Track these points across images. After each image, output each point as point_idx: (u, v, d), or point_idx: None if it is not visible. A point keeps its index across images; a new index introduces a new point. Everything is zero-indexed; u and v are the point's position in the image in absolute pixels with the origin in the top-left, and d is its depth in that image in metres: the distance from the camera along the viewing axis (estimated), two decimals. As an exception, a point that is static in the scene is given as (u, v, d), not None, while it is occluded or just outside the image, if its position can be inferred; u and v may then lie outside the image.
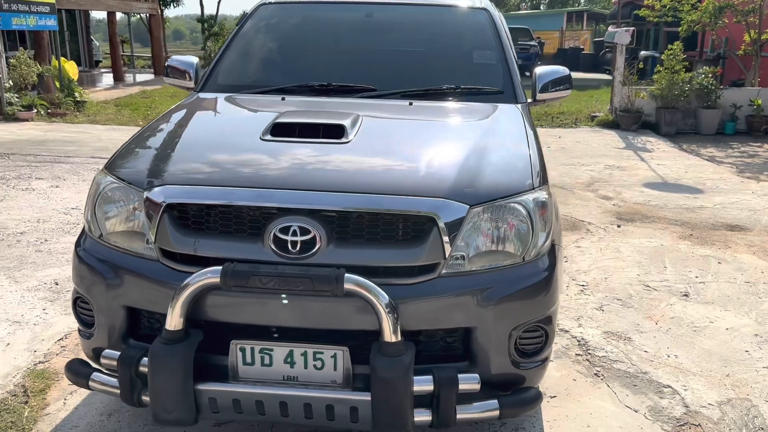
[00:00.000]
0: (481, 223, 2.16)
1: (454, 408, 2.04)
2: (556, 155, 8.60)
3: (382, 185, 2.16)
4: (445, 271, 2.11)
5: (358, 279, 1.97)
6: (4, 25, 10.49)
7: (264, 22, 3.61)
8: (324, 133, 2.46)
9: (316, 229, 2.06)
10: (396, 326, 1.99)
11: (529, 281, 2.19)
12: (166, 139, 2.56)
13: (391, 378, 1.95)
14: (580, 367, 3.12)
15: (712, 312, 3.77)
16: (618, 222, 5.55)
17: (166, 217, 2.15)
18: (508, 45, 3.39)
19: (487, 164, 2.36)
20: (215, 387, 2.06)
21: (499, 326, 2.13)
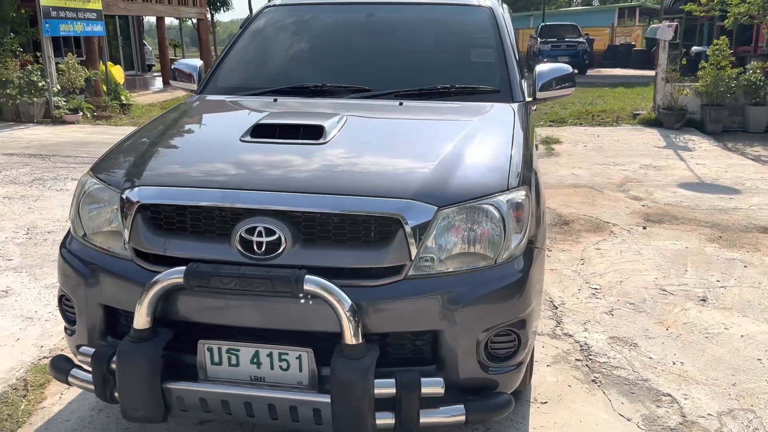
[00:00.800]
0: (450, 224, 2.12)
1: (417, 412, 2.01)
2: (591, 154, 8.41)
3: (349, 186, 2.15)
4: (412, 272, 2.08)
5: (318, 280, 1.97)
6: (52, 32, 10.90)
7: (266, 25, 3.64)
8: (303, 134, 2.47)
9: (282, 230, 2.06)
10: (357, 328, 1.97)
11: (500, 284, 2.13)
12: (150, 141, 2.60)
13: (350, 380, 1.94)
14: (577, 373, 3.03)
15: (729, 318, 3.61)
16: (644, 223, 5.38)
17: (140, 217, 2.19)
18: (509, 43, 3.32)
19: (462, 165, 2.32)
20: (182, 386, 2.09)
21: (467, 330, 2.09)
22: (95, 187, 2.36)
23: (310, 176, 2.22)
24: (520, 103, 3.08)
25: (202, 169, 2.35)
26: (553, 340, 3.36)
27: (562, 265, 4.43)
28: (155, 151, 2.50)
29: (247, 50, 3.52)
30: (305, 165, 2.30)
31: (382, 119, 2.85)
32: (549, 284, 4.09)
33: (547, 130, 10.48)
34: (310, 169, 2.28)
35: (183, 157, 2.49)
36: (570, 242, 4.93)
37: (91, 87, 12.48)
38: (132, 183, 2.26)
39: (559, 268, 4.38)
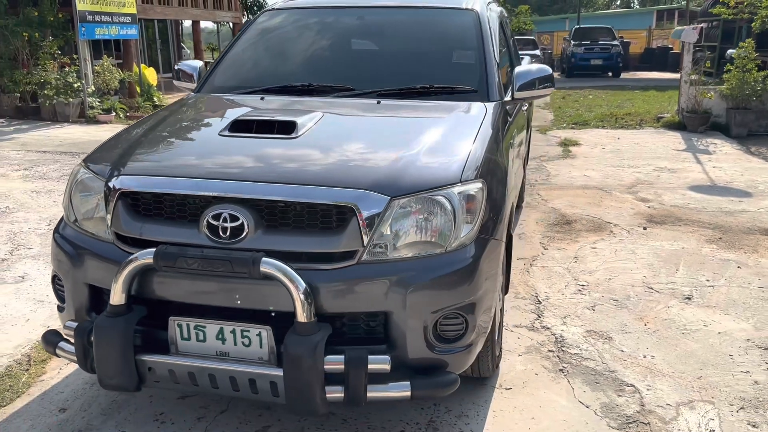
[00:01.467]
0: (403, 213, 2.27)
1: (364, 387, 2.16)
2: (608, 157, 8.42)
3: (309, 177, 2.31)
4: (365, 258, 2.23)
5: (274, 263, 2.13)
6: (87, 35, 11.35)
7: (263, 27, 3.84)
8: (278, 129, 2.64)
9: (245, 216, 2.24)
10: (309, 308, 2.13)
11: (447, 270, 2.27)
12: (139, 135, 2.81)
13: (299, 355, 2.10)
14: (547, 363, 3.14)
15: (711, 316, 3.66)
16: (646, 224, 5.42)
17: (120, 204, 2.39)
18: (490, 45, 3.45)
19: (421, 158, 2.46)
20: (152, 358, 2.28)
21: (415, 312, 2.23)
22: (86, 176, 2.57)
23: (275, 167, 2.40)
24: (497, 102, 3.20)
25: (180, 160, 2.55)
26: (530, 332, 3.47)
27: (555, 263, 4.52)
28: (141, 144, 2.71)
29: (243, 51, 3.72)
30: (273, 157, 2.48)
31: (357, 116, 3.01)
32: (537, 280, 4.19)
33: (568, 133, 10.51)
34: (276, 161, 2.46)
35: (164, 150, 2.69)
36: (568, 241, 5.01)
37: (125, 88, 12.93)
38: (116, 173, 2.47)
39: (551, 265, 4.48)
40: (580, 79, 22.59)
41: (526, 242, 4.99)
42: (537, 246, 4.90)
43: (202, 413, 2.69)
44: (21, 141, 9.67)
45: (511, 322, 3.58)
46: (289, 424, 2.62)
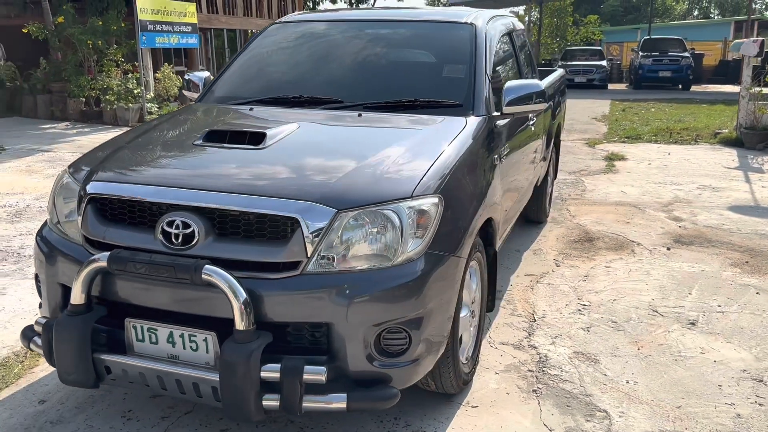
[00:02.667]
0: (350, 226, 2.30)
1: (299, 396, 2.19)
2: (652, 173, 8.15)
3: (261, 187, 2.37)
4: (310, 269, 2.27)
5: (216, 270, 2.20)
6: (148, 44, 11.87)
7: (266, 40, 3.95)
8: (248, 140, 2.72)
9: (196, 224, 2.31)
10: (247, 316, 2.18)
11: (390, 284, 2.28)
12: (124, 141, 2.95)
13: (234, 362, 2.15)
14: (522, 383, 3.08)
15: (711, 343, 3.50)
16: (671, 244, 5.22)
17: (89, 208, 2.52)
18: (483, 60, 3.43)
19: (378, 171, 2.48)
20: (108, 357, 2.38)
21: (355, 324, 2.24)
22: (67, 181, 2.72)
23: (231, 177, 2.47)
24: (482, 117, 3.18)
25: (147, 168, 2.66)
26: (515, 350, 3.41)
27: (562, 281, 4.42)
28: (120, 151, 2.84)
29: (244, 64, 3.84)
30: (233, 167, 2.56)
31: (333, 128, 3.06)
32: (539, 298, 4.12)
33: (618, 146, 10.22)
34: (235, 171, 2.53)
35: (138, 158, 2.80)
36: (583, 259, 4.88)
37: (183, 95, 13.42)
38: (89, 178, 2.60)
39: (558, 283, 4.38)
40: (647, 92, 21.89)
41: (539, 258, 4.90)
42: (550, 263, 4.80)
43: (168, 413, 2.79)
44: (79, 143, 10.19)
45: (498, 339, 3.53)
46: (246, 429, 2.68)
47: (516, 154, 3.74)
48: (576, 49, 27.47)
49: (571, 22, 33.22)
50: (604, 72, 24.11)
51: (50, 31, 12.02)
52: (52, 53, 12.51)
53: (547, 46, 33.59)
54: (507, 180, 3.49)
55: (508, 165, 3.50)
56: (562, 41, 33.14)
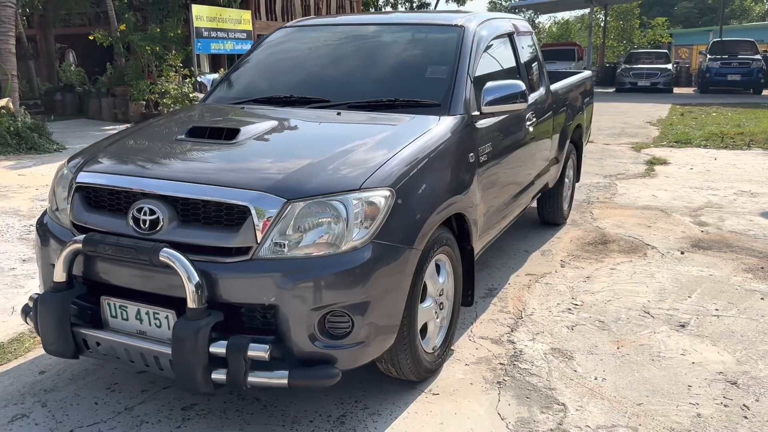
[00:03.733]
0: (299, 215, 2.46)
1: (244, 371, 2.37)
2: (691, 178, 7.95)
3: (221, 178, 2.57)
4: (261, 254, 2.44)
5: (172, 253, 2.40)
6: (203, 50, 12.42)
7: (268, 44, 4.17)
8: (225, 135, 2.93)
9: (161, 210, 2.53)
10: (198, 296, 2.37)
11: (332, 270, 2.42)
12: (120, 136, 3.21)
13: (183, 337, 2.35)
14: (489, 374, 3.16)
15: (695, 345, 3.47)
16: (687, 248, 5.13)
17: (77, 196, 2.78)
18: (467, 61, 3.52)
19: (332, 165, 2.64)
20: (85, 330, 2.62)
21: (298, 307, 2.40)
22: (64, 171, 2.99)
23: (198, 168, 2.68)
24: (458, 116, 3.28)
25: (129, 159, 2.90)
26: (493, 344, 3.48)
27: (562, 281, 4.44)
28: (113, 145, 3.11)
29: (246, 66, 4.07)
30: (204, 160, 2.77)
31: (309, 126, 3.23)
32: (533, 296, 4.16)
33: (664, 151, 9.99)
34: (204, 163, 2.74)
35: (126, 150, 3.05)
36: (591, 261, 4.88)
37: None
38: (80, 169, 2.86)
39: (556, 282, 4.40)
40: (714, 96, 21.12)
41: (545, 259, 4.92)
42: (555, 263, 4.82)
43: (148, 387, 3.02)
44: (135, 144, 10.76)
45: (479, 333, 3.61)
46: (214, 405, 2.87)
47: (505, 153, 3.81)
48: (640, 51, 26.77)
49: (638, 25, 32.39)
50: (669, 75, 23.41)
51: (114, 38, 12.73)
52: (117, 59, 13.23)
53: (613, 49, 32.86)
54: (490, 179, 3.57)
55: (493, 164, 3.58)
56: (629, 44, 32.35)
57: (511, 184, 4.04)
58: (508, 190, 3.98)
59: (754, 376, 3.15)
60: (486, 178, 3.50)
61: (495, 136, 3.63)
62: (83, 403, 2.90)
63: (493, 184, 3.63)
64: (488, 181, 3.54)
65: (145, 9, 13.50)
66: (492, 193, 3.64)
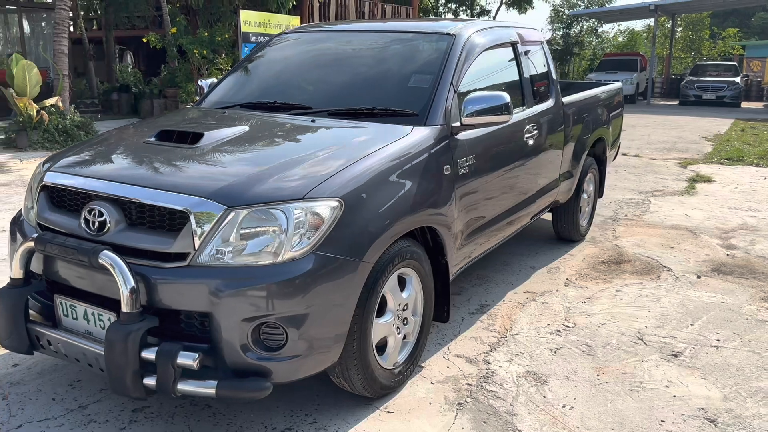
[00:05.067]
0: (239, 223, 2.43)
1: (173, 378, 2.35)
2: (733, 197, 7.56)
3: (167, 182, 2.57)
4: (199, 261, 2.42)
5: (110, 256, 2.41)
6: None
7: (267, 49, 4.18)
8: (190, 139, 2.94)
9: (109, 212, 2.55)
10: (132, 300, 2.36)
11: (266, 281, 2.38)
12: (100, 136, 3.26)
13: (113, 340, 2.34)
14: (452, 395, 3.05)
15: (683, 377, 3.26)
16: (705, 273, 4.86)
17: (41, 195, 2.84)
18: (452, 70, 3.43)
19: (281, 173, 2.60)
20: (37, 327, 2.66)
21: (230, 317, 2.37)
22: (38, 171, 3.06)
23: (149, 172, 2.69)
24: (435, 126, 3.19)
25: (91, 161, 2.94)
26: (466, 363, 3.36)
27: (560, 300, 4.26)
28: (86, 145, 3.16)
29: (240, 72, 4.09)
30: (158, 163, 2.77)
31: (278, 133, 3.19)
32: (524, 315, 4.01)
33: (712, 168, 9.55)
34: (159, 166, 2.75)
35: (94, 152, 3.09)
36: (598, 281, 4.67)
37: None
38: (48, 169, 2.92)
39: (553, 302, 4.23)
40: (783, 111, 20.11)
41: (550, 276, 4.75)
42: (559, 282, 4.64)
43: (107, 386, 3.04)
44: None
45: (456, 351, 3.50)
46: (165, 408, 2.87)
47: (495, 166, 3.68)
48: (707, 63, 25.75)
49: (707, 36, 31.16)
50: (737, 89, 22.42)
51: (166, 41, 13.12)
52: (169, 62, 13.62)
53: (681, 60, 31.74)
54: (474, 193, 3.45)
55: (477, 177, 3.46)
56: (697, 55, 31.17)
57: (504, 199, 3.90)
58: (500, 204, 3.85)
59: (737, 414, 2.93)
60: (468, 191, 3.39)
61: (481, 149, 3.51)
62: (42, 398, 2.95)
63: (477, 198, 3.51)
64: (471, 194, 3.42)
65: (197, 13, 13.86)
66: (476, 208, 3.52)
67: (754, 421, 2.88)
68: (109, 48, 16.82)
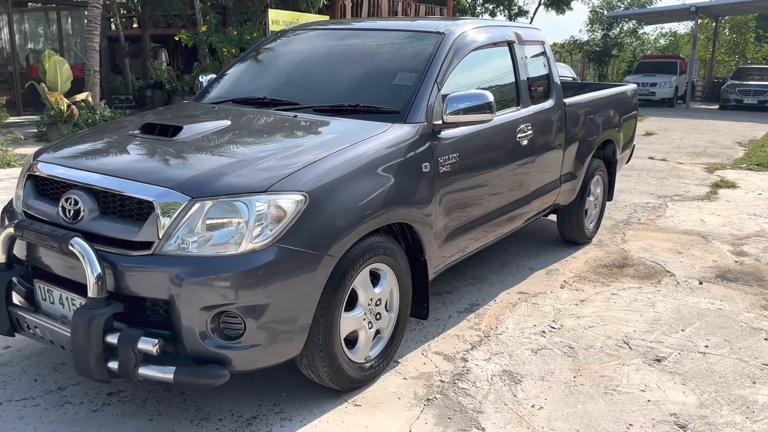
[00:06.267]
0: (203, 214, 2.49)
1: (134, 362, 2.42)
2: (755, 204, 7.37)
3: (136, 172, 2.65)
4: (163, 250, 2.49)
5: (79, 242, 2.49)
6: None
7: (263, 46, 4.25)
8: (171, 132, 3.02)
9: (84, 201, 2.65)
10: (98, 285, 2.45)
11: (224, 271, 2.43)
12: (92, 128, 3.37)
13: (78, 324, 2.43)
14: (422, 390, 3.06)
15: (662, 382, 3.21)
16: (709, 279, 4.76)
17: (27, 184, 2.96)
18: (437, 69, 3.44)
19: (250, 166, 2.67)
20: (17, 310, 2.78)
21: (188, 305, 2.43)
22: (27, 161, 3.19)
23: (124, 162, 2.79)
24: (414, 124, 3.21)
25: (75, 152, 3.04)
26: (444, 361, 3.37)
27: (552, 302, 4.23)
28: (78, 137, 3.27)
29: (235, 68, 4.17)
30: (135, 154, 2.88)
31: (258, 127, 3.25)
32: (512, 315, 4.00)
33: (739, 174, 9.31)
34: (135, 157, 2.85)
35: (81, 143, 3.19)
36: (596, 284, 4.62)
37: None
38: (35, 158, 3.04)
39: (544, 303, 4.21)
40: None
41: (548, 278, 4.71)
42: (555, 284, 4.60)
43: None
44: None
45: (435, 348, 3.51)
46: (139, 392, 2.96)
47: (481, 165, 3.68)
48: (750, 67, 25.02)
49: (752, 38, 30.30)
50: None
51: (198, 40, 13.37)
52: (201, 59, 13.88)
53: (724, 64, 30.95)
54: (458, 191, 3.46)
55: (461, 176, 3.46)
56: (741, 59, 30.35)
57: (493, 199, 3.89)
58: (488, 204, 3.84)
59: (710, 422, 2.88)
60: (450, 190, 3.39)
61: (466, 147, 3.51)
62: (24, 379, 3.06)
63: (461, 196, 3.52)
64: (454, 193, 3.43)
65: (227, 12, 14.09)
66: (460, 206, 3.53)
67: (726, 428, 2.83)
68: (145, 46, 17.23)
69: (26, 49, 15.70)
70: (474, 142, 3.59)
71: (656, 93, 22.74)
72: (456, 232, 3.56)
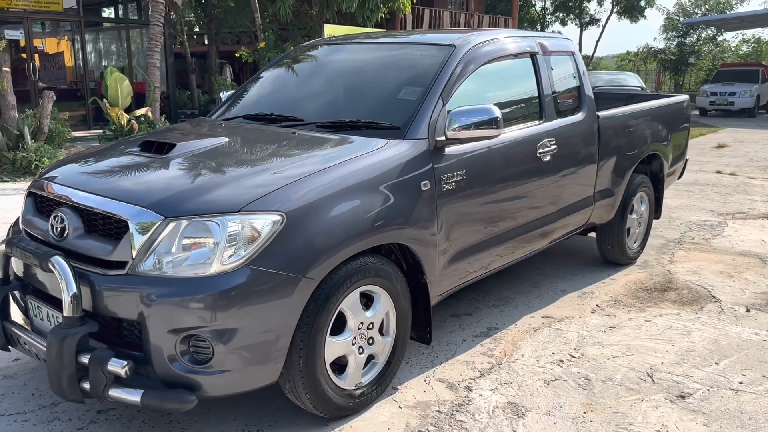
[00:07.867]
0: (177, 234, 2.45)
1: (104, 383, 2.40)
2: (827, 223, 6.79)
3: (117, 190, 2.65)
4: (137, 270, 2.46)
5: (58, 261, 2.50)
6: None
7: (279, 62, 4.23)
8: (166, 149, 3.02)
9: (69, 219, 2.66)
10: (72, 305, 2.43)
11: (193, 293, 2.37)
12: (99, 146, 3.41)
13: (51, 343, 2.42)
14: (416, 422, 2.91)
15: (681, 422, 2.93)
16: (758, 307, 4.38)
17: (28, 201, 3.01)
18: (443, 83, 3.30)
19: (228, 184, 2.62)
20: (11, 326, 2.82)
21: (156, 327, 2.38)
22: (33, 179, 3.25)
23: (109, 180, 2.79)
24: (414, 140, 3.09)
25: (73, 170, 3.07)
26: (446, 389, 3.21)
27: (578, 328, 3.98)
28: (81, 154, 3.31)
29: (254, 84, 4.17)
30: (123, 172, 2.88)
31: (253, 145, 3.19)
32: (532, 342, 3.78)
33: (814, 190, 8.64)
34: (120, 175, 2.85)
35: (81, 161, 3.22)
36: (631, 309, 4.33)
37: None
38: (38, 176, 3.10)
39: (570, 329, 3.96)
40: None
41: (579, 301, 4.45)
42: (586, 308, 4.34)
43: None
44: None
45: (440, 375, 3.34)
46: (127, 412, 2.94)
47: (494, 183, 3.50)
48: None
49: None
50: None
51: (257, 56, 13.64)
52: (261, 74, 14.16)
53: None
54: (465, 210, 3.30)
55: (469, 194, 3.30)
56: (834, 66, 28.40)
57: (509, 217, 3.69)
58: (503, 222, 3.64)
59: (729, 470, 2.60)
60: (456, 208, 3.24)
61: (475, 164, 3.34)
62: (23, 392, 3.11)
63: (470, 215, 3.35)
64: (460, 212, 3.27)
65: (287, 28, 14.32)
66: (469, 226, 3.36)
67: (746, 479, 2.54)
68: (211, 62, 17.76)
69: (101, 66, 16.47)
70: (484, 159, 3.42)
71: (735, 103, 21.60)
72: (466, 252, 3.39)
